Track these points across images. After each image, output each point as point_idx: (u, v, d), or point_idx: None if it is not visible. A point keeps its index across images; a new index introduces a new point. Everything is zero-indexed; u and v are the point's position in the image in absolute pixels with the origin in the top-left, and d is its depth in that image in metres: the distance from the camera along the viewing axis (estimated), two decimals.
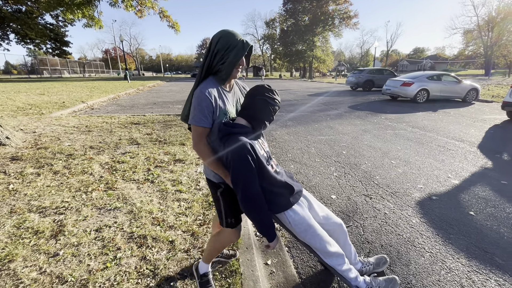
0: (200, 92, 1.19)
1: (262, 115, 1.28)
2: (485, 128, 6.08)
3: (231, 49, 1.20)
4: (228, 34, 1.21)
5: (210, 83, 1.25)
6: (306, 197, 1.51)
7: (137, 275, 1.67)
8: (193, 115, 1.20)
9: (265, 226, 1.27)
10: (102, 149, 4.05)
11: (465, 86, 10.56)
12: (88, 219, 2.24)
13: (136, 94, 13.73)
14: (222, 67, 1.23)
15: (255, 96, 1.27)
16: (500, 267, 1.89)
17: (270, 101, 1.27)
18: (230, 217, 1.41)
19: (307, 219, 1.36)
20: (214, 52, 1.22)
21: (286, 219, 1.34)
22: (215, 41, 1.22)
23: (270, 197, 1.30)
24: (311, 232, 1.36)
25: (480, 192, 3.00)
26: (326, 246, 1.37)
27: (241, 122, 1.29)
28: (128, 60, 66.65)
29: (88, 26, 8.44)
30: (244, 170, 1.17)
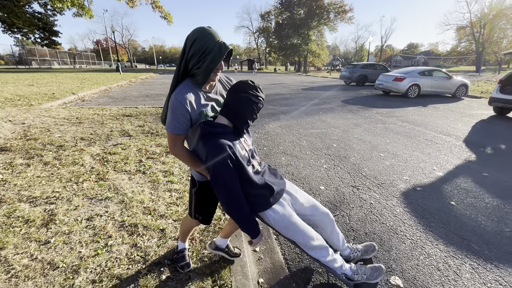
0: (175, 100, 1.13)
1: (245, 113, 1.24)
2: (472, 123, 6.25)
3: (207, 53, 1.10)
4: (204, 35, 1.10)
5: (186, 87, 1.18)
6: (290, 192, 1.51)
7: (128, 261, 1.71)
8: (168, 122, 1.18)
9: (246, 224, 1.28)
10: (93, 140, 4.03)
11: (455, 82, 10.75)
12: (79, 209, 2.26)
13: (129, 86, 13.54)
14: (198, 71, 1.14)
15: (238, 93, 1.23)
16: (475, 253, 2.01)
17: (254, 98, 1.23)
18: (198, 213, 1.50)
19: (288, 217, 1.37)
20: (189, 55, 1.13)
21: (266, 218, 1.36)
22: (190, 42, 1.12)
23: (249, 198, 1.30)
24: (293, 229, 1.37)
25: (462, 184, 3.13)
26: (309, 241, 1.40)
27: (222, 121, 1.25)
28: (120, 51, 65.24)
29: (78, 16, 8.24)
30: (223, 172, 1.17)
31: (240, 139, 1.30)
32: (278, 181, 1.45)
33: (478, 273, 1.81)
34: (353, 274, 1.53)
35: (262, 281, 1.73)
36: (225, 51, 1.12)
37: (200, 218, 1.51)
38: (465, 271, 1.82)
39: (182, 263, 1.66)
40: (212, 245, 1.82)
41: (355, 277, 1.54)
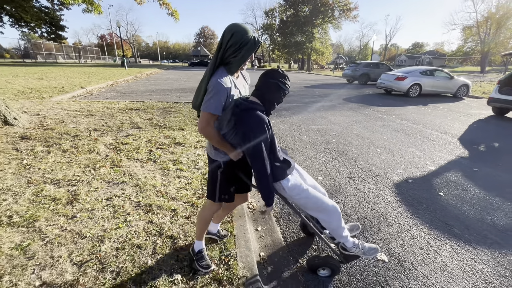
0: (218, 83, 1.29)
1: (273, 97, 1.44)
2: (469, 122, 6.41)
3: (244, 45, 1.30)
4: (241, 30, 1.30)
5: (223, 73, 1.34)
6: (297, 169, 1.76)
7: (146, 234, 1.95)
8: (208, 103, 1.31)
9: (268, 192, 1.47)
10: (105, 131, 4.28)
11: (456, 82, 10.87)
12: (99, 190, 2.50)
13: (134, 81, 13.78)
14: (233, 60, 1.34)
15: (269, 79, 1.42)
16: (456, 236, 2.22)
17: (282, 85, 1.42)
18: (224, 194, 1.59)
19: (300, 185, 1.57)
20: (227, 46, 1.31)
21: (282, 186, 1.54)
22: (227, 36, 1.30)
23: (272, 168, 1.49)
24: (305, 194, 1.57)
25: (452, 177, 3.33)
26: (322, 202, 1.60)
27: (255, 100, 1.45)
28: (125, 46, 65.48)
29: (88, 11, 8.45)
30: (262, 138, 1.36)
31: None
32: (290, 158, 1.68)
33: (457, 252, 2.03)
34: (352, 247, 1.74)
35: (263, 254, 1.96)
36: (258, 44, 1.35)
37: (226, 198, 1.61)
38: (445, 251, 2.04)
39: (203, 262, 1.68)
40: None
41: (353, 249, 1.74)
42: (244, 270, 1.70)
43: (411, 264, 1.90)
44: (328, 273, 1.76)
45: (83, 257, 1.69)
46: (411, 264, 1.90)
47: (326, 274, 1.77)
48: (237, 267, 1.71)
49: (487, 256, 2.00)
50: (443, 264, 1.90)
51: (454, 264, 1.91)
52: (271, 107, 1.49)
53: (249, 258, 1.83)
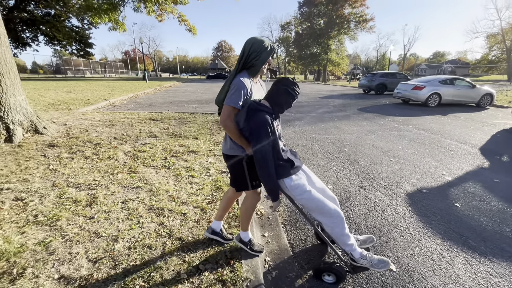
0: (240, 81, 1.55)
1: (283, 102, 1.62)
2: (492, 132, 6.12)
3: (263, 50, 1.58)
4: (259, 40, 1.60)
5: (245, 75, 1.62)
6: (306, 171, 1.82)
7: (156, 235, 2.05)
8: (231, 98, 1.54)
9: (272, 187, 1.60)
10: (124, 140, 4.53)
11: (479, 91, 10.44)
12: (116, 194, 2.66)
13: (154, 94, 14.44)
14: (255, 63, 1.60)
15: (281, 86, 1.60)
16: (471, 248, 2.13)
17: (292, 92, 1.60)
18: (254, 180, 1.75)
19: (302, 186, 1.64)
20: (249, 53, 1.59)
21: (285, 185, 1.65)
22: (248, 46, 1.59)
23: (276, 165, 1.61)
24: (307, 195, 1.63)
25: (470, 188, 3.20)
26: (324, 206, 1.64)
27: (266, 104, 1.63)
28: (147, 61, 68.97)
29: (113, 29, 9.16)
30: (264, 137, 1.52)
31: (275, 121, 1.64)
32: (297, 160, 1.76)
33: (471, 264, 1.95)
34: (360, 258, 1.72)
35: (269, 259, 1.98)
36: (274, 49, 1.65)
37: (257, 183, 1.77)
38: (458, 262, 1.97)
39: (255, 247, 1.93)
40: (209, 230, 2.06)
41: (361, 261, 1.73)
42: (249, 272, 1.74)
43: (420, 274, 1.85)
44: (333, 280, 1.75)
45: (98, 254, 1.81)
46: (421, 275, 1.84)
47: (331, 281, 1.76)
48: (241, 270, 1.75)
49: (504, 269, 1.90)
50: (455, 276, 1.83)
51: (467, 277, 1.83)
52: (280, 110, 1.66)
53: (254, 261, 1.86)
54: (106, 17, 8.03)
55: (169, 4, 8.51)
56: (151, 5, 8.29)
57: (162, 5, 8.49)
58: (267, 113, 1.56)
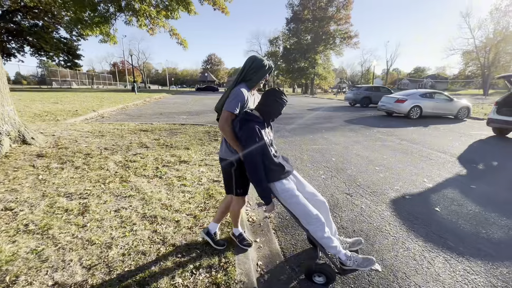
0: (239, 91, 1.75)
1: (272, 111, 1.79)
2: (469, 142, 6.50)
3: (261, 68, 1.79)
4: (259, 59, 1.81)
5: (244, 86, 1.80)
6: (297, 176, 1.96)
7: (150, 242, 2.08)
8: (229, 104, 1.73)
9: (263, 190, 1.74)
10: (115, 150, 4.52)
11: (457, 104, 11.07)
12: (108, 203, 2.67)
13: (143, 105, 14.39)
14: (254, 77, 1.81)
15: (269, 97, 1.77)
16: (450, 248, 2.28)
17: (280, 100, 1.77)
18: (239, 188, 1.93)
19: (291, 190, 1.77)
20: (250, 68, 1.79)
21: (276, 188, 1.79)
22: (250, 62, 1.80)
23: (266, 170, 1.76)
24: (294, 201, 1.76)
25: (449, 194, 3.40)
26: (308, 213, 1.74)
27: (256, 114, 1.79)
28: (136, 73, 68.75)
29: (104, 42, 9.18)
30: (252, 144, 1.66)
31: (265, 129, 1.80)
32: (288, 165, 1.90)
33: (450, 263, 2.08)
34: (346, 260, 1.82)
35: (261, 263, 2.05)
36: (271, 68, 1.86)
37: (241, 191, 1.94)
38: (438, 262, 2.10)
39: (245, 242, 2.13)
40: (205, 230, 2.14)
41: (348, 262, 1.83)
42: (242, 275, 1.80)
43: (404, 273, 1.96)
44: (324, 280, 1.83)
45: (92, 261, 1.82)
46: (404, 274, 1.95)
47: (321, 282, 1.84)
48: (235, 273, 1.80)
49: (480, 267, 2.05)
50: (436, 274, 1.96)
51: (447, 275, 1.96)
52: (270, 119, 1.84)
53: (247, 265, 1.92)
54: (97, 30, 8.10)
55: (161, 19, 8.69)
56: (143, 19, 8.43)
57: (154, 19, 8.65)
58: (256, 123, 1.72)
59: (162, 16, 8.77)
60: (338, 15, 41.39)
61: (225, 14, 9.21)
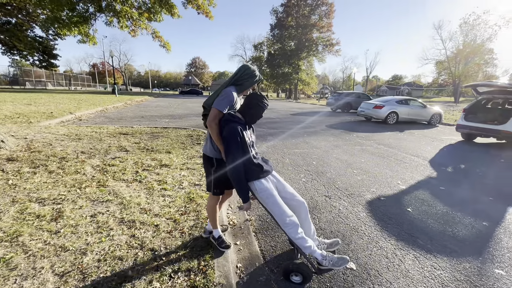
0: (230, 91, 1.87)
1: (254, 114, 1.89)
2: (440, 147, 6.90)
3: (253, 76, 1.96)
4: (252, 69, 1.96)
5: (234, 89, 1.93)
6: (277, 177, 2.03)
7: (128, 247, 2.05)
8: (219, 103, 1.82)
9: (241, 188, 1.81)
10: (93, 154, 4.38)
11: (430, 111, 11.71)
12: (84, 208, 2.59)
13: (124, 108, 14.01)
14: (245, 83, 1.95)
15: (252, 100, 1.86)
16: (419, 246, 2.41)
17: (261, 105, 1.86)
18: (216, 188, 2.05)
19: (270, 190, 1.85)
20: (242, 74, 1.93)
21: (254, 186, 1.85)
22: (243, 69, 1.95)
23: (246, 169, 1.82)
24: (272, 200, 1.83)
25: (420, 195, 3.60)
26: (283, 215, 1.81)
27: (239, 115, 1.88)
28: (116, 75, 66.72)
29: (82, 42, 8.86)
30: (234, 143, 1.75)
31: (247, 130, 1.88)
32: (267, 165, 1.98)
33: (419, 260, 2.21)
34: (322, 259, 1.89)
35: (240, 266, 2.07)
36: (260, 79, 2.01)
37: (217, 191, 2.05)
38: (408, 259, 2.22)
39: (224, 245, 2.15)
40: (206, 233, 2.26)
41: (324, 262, 1.90)
42: (221, 278, 1.81)
43: (377, 271, 2.06)
44: (300, 279, 1.88)
45: (65, 268, 1.76)
46: (377, 271, 2.05)
47: (298, 281, 1.89)
48: (213, 275, 1.82)
49: (446, 263, 2.19)
50: (406, 271, 2.07)
51: (416, 271, 2.08)
52: (251, 121, 1.92)
53: (226, 267, 1.94)
54: (75, 30, 7.81)
55: (143, 21, 8.55)
56: (124, 20, 8.26)
57: (136, 21, 8.49)
58: (239, 124, 1.80)
59: (144, 18, 8.64)
60: (320, 23, 42.60)
61: (209, 19, 9.23)
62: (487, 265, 2.18)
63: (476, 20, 36.04)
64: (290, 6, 42.66)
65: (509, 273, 2.09)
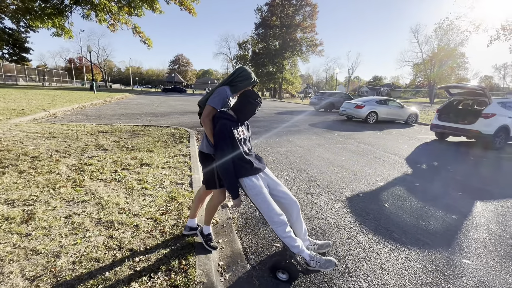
0: (223, 89, 1.95)
1: (246, 111, 1.91)
2: (416, 145, 7.24)
3: (248, 78, 2.00)
4: (249, 71, 2.03)
5: (228, 89, 1.98)
6: (269, 176, 2.04)
7: (105, 248, 1.98)
8: (212, 100, 1.89)
9: (231, 184, 1.83)
10: (68, 153, 4.19)
11: (407, 111, 12.23)
12: (58, 209, 2.47)
13: (103, 105, 13.49)
14: (239, 84, 1.99)
15: (245, 98, 1.88)
16: (395, 240, 2.53)
17: (253, 102, 1.87)
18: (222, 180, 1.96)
19: (259, 188, 1.85)
20: (238, 75, 1.99)
21: (244, 183, 1.87)
22: (240, 70, 2.02)
23: (236, 165, 1.84)
24: (261, 198, 1.83)
25: (397, 191, 3.76)
26: (271, 213, 1.82)
27: (231, 113, 1.91)
28: (95, 71, 63.98)
29: (57, 36, 8.42)
30: (222, 139, 1.79)
31: (238, 127, 1.92)
32: (259, 163, 1.99)
33: (394, 253, 2.31)
34: (310, 260, 1.88)
35: (222, 264, 2.07)
36: (255, 82, 2.06)
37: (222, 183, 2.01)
38: (384, 252, 2.32)
39: (211, 243, 2.14)
40: (186, 228, 2.24)
41: (311, 262, 1.90)
42: (202, 276, 1.80)
43: (354, 264, 2.13)
44: (286, 278, 1.89)
45: (36, 272, 1.68)
46: (355, 265, 2.13)
47: (284, 279, 1.90)
48: (194, 274, 1.80)
49: (418, 255, 2.31)
50: (382, 263, 2.16)
51: (391, 263, 2.17)
52: (244, 118, 1.94)
53: (208, 266, 1.93)
54: (49, 22, 7.40)
55: (123, 15, 8.24)
56: (103, 14, 7.92)
57: (115, 15, 8.17)
58: (229, 121, 1.83)
59: (124, 12, 8.34)
60: (304, 23, 43.18)
61: (193, 15, 9.08)
62: (456, 255, 2.32)
63: (449, 26, 37.93)
64: (274, 6, 42.90)
65: (474, 262, 2.24)
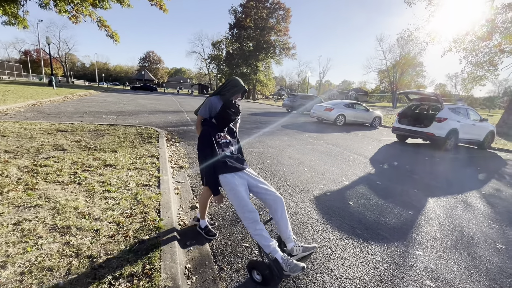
0: (209, 100, 2.32)
1: (223, 119, 2.18)
2: (379, 146, 7.73)
3: (236, 86, 2.34)
4: (238, 80, 2.36)
5: (217, 98, 2.33)
6: (252, 175, 2.20)
7: (60, 256, 1.84)
8: (200, 110, 2.33)
9: (210, 181, 2.10)
10: (20, 153, 3.81)
11: (372, 114, 13.01)
12: (5, 215, 2.24)
13: (63, 102, 12.49)
14: (227, 93, 2.33)
15: (223, 108, 2.16)
16: (357, 235, 2.67)
17: (230, 112, 2.15)
18: None
19: (233, 184, 2.01)
20: (227, 85, 2.35)
21: (220, 180, 2.08)
22: (229, 81, 2.37)
23: (214, 164, 2.09)
24: (234, 193, 1.98)
25: (360, 189, 3.98)
26: (243, 207, 1.92)
27: (213, 120, 2.25)
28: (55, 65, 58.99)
29: (10, 24, 7.67)
30: (201, 144, 2.14)
31: (219, 132, 2.22)
32: (237, 164, 2.16)
33: (356, 248, 2.45)
34: (282, 262, 1.86)
35: (189, 266, 2.03)
36: (244, 89, 2.38)
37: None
38: (348, 247, 2.44)
39: (210, 233, 2.44)
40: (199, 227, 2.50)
41: (283, 265, 1.90)
42: (167, 280, 1.75)
43: (320, 260, 2.22)
44: (260, 280, 1.89)
45: None
46: (320, 261, 2.21)
47: (258, 280, 1.89)
48: (159, 279, 1.75)
49: (378, 248, 2.47)
50: (345, 258, 2.27)
51: (353, 257, 2.30)
52: (223, 124, 2.23)
53: (174, 269, 1.88)
54: (0, 9, 6.73)
55: (86, 6, 7.74)
56: (63, 3, 7.37)
57: (77, 6, 7.65)
58: (209, 127, 2.17)
59: (88, 3, 7.84)
60: (278, 26, 43.96)
61: (163, 11, 8.81)
62: (410, 247, 2.52)
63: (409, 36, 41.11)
64: (248, 7, 43.11)
65: (426, 253, 2.45)
